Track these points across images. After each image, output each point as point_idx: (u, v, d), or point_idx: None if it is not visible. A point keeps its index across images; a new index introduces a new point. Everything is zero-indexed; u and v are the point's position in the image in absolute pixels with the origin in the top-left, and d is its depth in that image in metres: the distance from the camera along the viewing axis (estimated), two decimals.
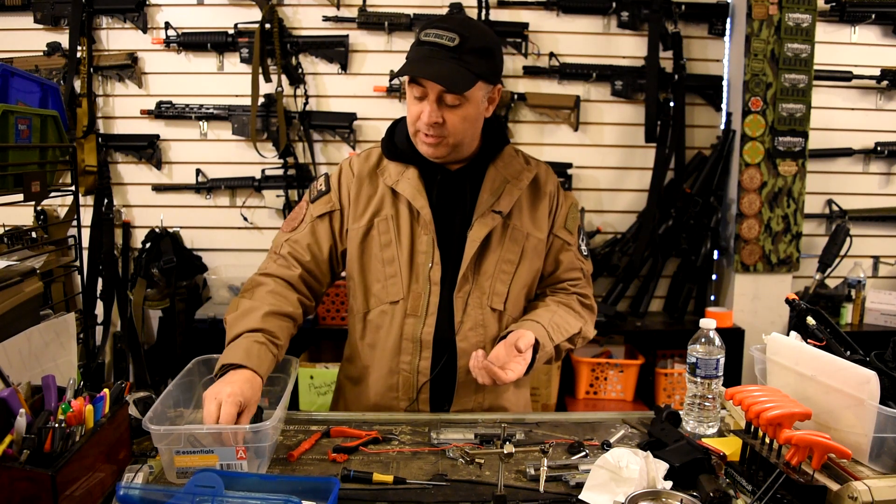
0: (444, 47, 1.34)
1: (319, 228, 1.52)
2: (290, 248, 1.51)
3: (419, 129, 1.41)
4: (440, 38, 1.35)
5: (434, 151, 1.43)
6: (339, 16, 2.97)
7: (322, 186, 1.55)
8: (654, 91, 2.97)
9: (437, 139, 1.41)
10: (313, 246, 1.51)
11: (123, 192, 3.07)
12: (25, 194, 1.63)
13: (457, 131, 1.40)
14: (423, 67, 1.35)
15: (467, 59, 1.35)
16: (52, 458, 0.97)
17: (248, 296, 1.44)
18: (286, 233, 1.55)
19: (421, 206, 1.45)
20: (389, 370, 1.49)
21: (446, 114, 1.38)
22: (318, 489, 1.02)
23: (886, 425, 1.04)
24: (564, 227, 1.57)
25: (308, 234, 1.52)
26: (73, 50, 2.87)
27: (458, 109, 1.38)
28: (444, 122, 1.38)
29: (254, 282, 1.48)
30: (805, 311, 1.30)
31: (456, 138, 1.41)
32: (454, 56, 1.34)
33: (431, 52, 1.35)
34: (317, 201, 1.54)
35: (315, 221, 1.52)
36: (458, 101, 1.37)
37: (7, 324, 1.22)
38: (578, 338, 1.54)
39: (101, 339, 2.92)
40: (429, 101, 1.37)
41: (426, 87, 1.36)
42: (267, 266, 1.51)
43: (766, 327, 2.93)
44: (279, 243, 1.54)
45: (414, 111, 1.41)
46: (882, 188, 3.20)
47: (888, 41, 3.09)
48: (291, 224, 1.55)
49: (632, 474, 1.09)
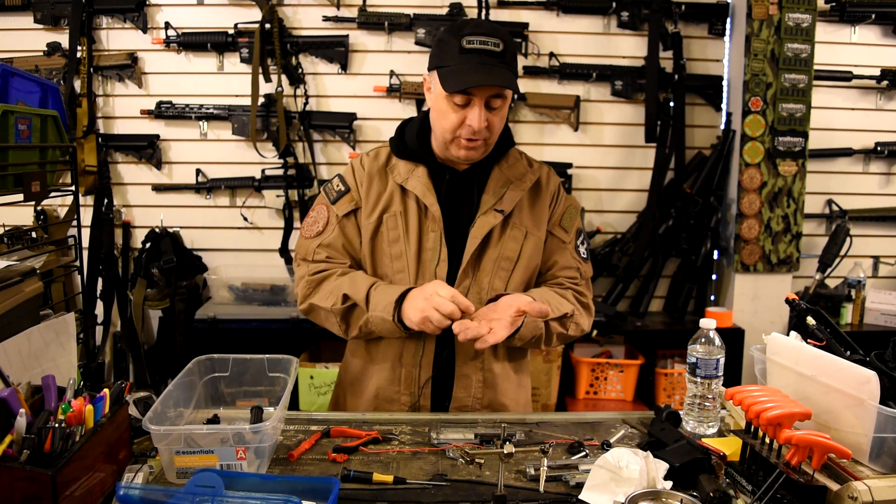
0: (492, 54, 1.37)
1: (348, 227, 1.53)
2: (327, 253, 1.52)
3: (461, 135, 1.42)
4: (486, 45, 1.37)
5: (473, 155, 1.45)
6: (339, 16, 2.97)
7: (340, 186, 1.56)
8: (654, 91, 2.97)
9: (478, 142, 1.43)
10: (348, 246, 1.53)
11: (123, 192, 3.07)
12: (25, 194, 1.63)
13: (496, 131, 1.45)
14: (489, 77, 1.36)
15: (510, 62, 1.40)
16: (52, 458, 0.97)
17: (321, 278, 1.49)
18: (312, 238, 1.54)
19: (430, 203, 1.47)
20: (392, 364, 1.50)
21: (490, 116, 1.41)
22: (318, 489, 1.02)
23: (886, 425, 1.04)
24: (560, 224, 1.58)
25: (339, 236, 1.53)
26: (73, 50, 2.87)
27: (499, 112, 1.42)
28: (489, 125, 1.41)
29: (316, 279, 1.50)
30: (805, 311, 1.30)
31: (494, 138, 1.46)
32: (502, 61, 1.38)
33: (482, 59, 1.36)
34: (338, 201, 1.54)
35: (342, 221, 1.53)
36: (501, 103, 1.41)
37: (7, 324, 1.21)
38: (570, 322, 1.51)
39: (101, 339, 2.92)
40: (477, 106, 1.38)
41: (475, 95, 1.38)
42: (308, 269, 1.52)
43: (766, 327, 2.93)
44: (310, 250, 1.54)
45: (455, 119, 1.40)
46: (882, 188, 3.20)
47: (888, 41, 3.09)
48: (314, 229, 1.55)
49: (632, 474, 1.09)
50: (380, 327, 1.41)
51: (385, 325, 1.40)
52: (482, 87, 1.36)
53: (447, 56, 1.39)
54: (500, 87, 1.37)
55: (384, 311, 1.38)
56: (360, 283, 1.44)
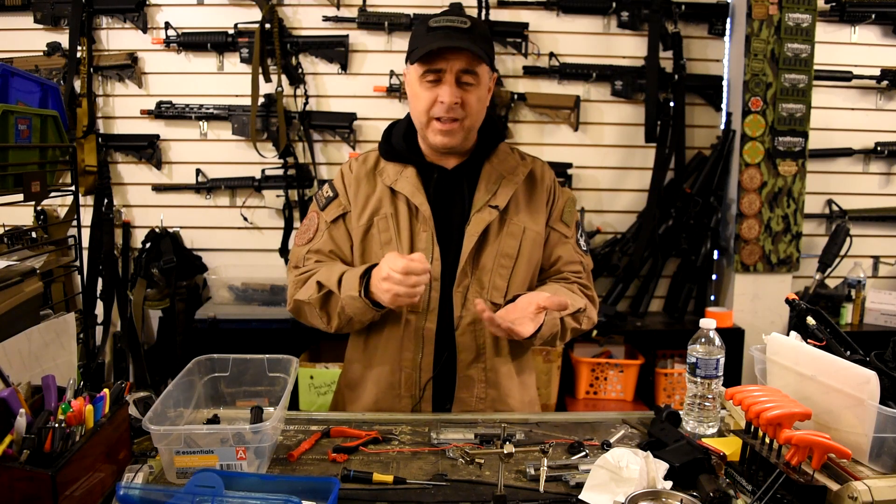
0: (458, 29, 1.39)
1: (336, 232, 1.54)
2: (315, 258, 1.53)
3: (435, 115, 1.43)
4: (452, 22, 1.40)
5: (449, 140, 1.45)
6: (339, 16, 2.97)
7: (329, 193, 1.57)
8: (654, 91, 2.97)
9: (453, 125, 1.43)
10: (336, 251, 1.54)
11: (123, 192, 3.07)
12: (25, 194, 1.63)
13: (472, 112, 1.44)
14: (450, 41, 1.38)
15: (479, 38, 1.40)
16: (52, 458, 0.97)
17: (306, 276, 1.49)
18: (303, 245, 1.56)
19: (420, 203, 1.47)
20: (392, 367, 1.50)
21: (463, 94, 1.41)
22: (318, 489, 1.02)
23: (886, 425, 1.04)
24: (561, 219, 1.58)
25: (328, 241, 1.53)
26: (73, 50, 2.87)
27: (473, 90, 1.42)
28: (463, 102, 1.41)
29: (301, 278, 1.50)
30: (805, 311, 1.30)
31: (471, 120, 1.45)
32: (470, 36, 1.39)
33: (448, 33, 1.39)
34: (327, 207, 1.55)
35: (331, 227, 1.54)
36: (474, 81, 1.42)
37: (7, 324, 1.21)
38: (583, 316, 1.52)
39: (101, 339, 2.92)
40: (447, 82, 1.40)
41: (444, 70, 1.39)
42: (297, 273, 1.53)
43: (766, 327, 2.93)
44: (300, 257, 1.55)
45: (428, 97, 1.42)
46: (882, 188, 3.19)
47: (888, 41, 3.09)
48: (306, 236, 1.56)
49: (632, 474, 1.09)
50: (353, 308, 1.39)
51: (356, 303, 1.38)
52: (451, 61, 1.37)
53: (417, 41, 1.43)
54: (465, 50, 1.37)
55: (352, 289, 1.38)
56: (334, 271, 1.44)
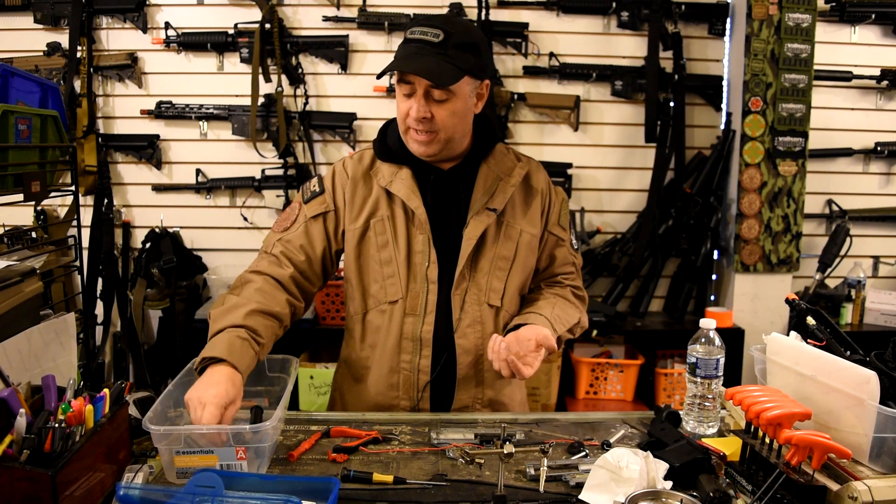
0: (429, 43, 1.37)
1: (313, 229, 1.51)
2: (282, 248, 1.50)
3: (409, 125, 1.42)
4: (425, 35, 1.37)
5: (425, 150, 1.44)
6: (339, 16, 2.97)
7: (316, 187, 1.55)
8: (654, 91, 2.97)
9: (427, 136, 1.41)
10: (307, 246, 1.51)
11: (123, 192, 3.07)
12: (25, 194, 1.63)
13: (446, 126, 1.41)
14: (408, 63, 1.37)
15: (452, 54, 1.37)
16: (52, 458, 0.97)
17: (236, 292, 1.42)
18: (278, 233, 1.54)
19: (416, 207, 1.46)
20: (390, 370, 1.49)
21: (434, 109, 1.39)
22: (318, 489, 1.02)
23: (886, 425, 1.04)
24: (558, 223, 1.59)
25: (302, 235, 1.51)
26: (73, 50, 2.87)
27: (446, 104, 1.39)
28: (433, 117, 1.39)
29: (242, 279, 1.47)
30: (805, 311, 1.30)
31: (446, 133, 1.42)
32: (440, 52, 1.36)
33: (418, 48, 1.37)
34: (311, 202, 1.53)
35: (309, 222, 1.52)
36: (446, 96, 1.39)
37: (7, 324, 1.22)
38: (577, 327, 1.57)
39: (101, 339, 2.91)
40: (416, 96, 1.38)
41: (414, 84, 1.38)
42: (258, 264, 1.49)
43: (766, 327, 2.93)
44: (271, 243, 1.53)
45: (403, 108, 1.42)
46: (882, 188, 3.19)
47: (888, 41, 3.09)
48: (283, 224, 1.54)
49: (632, 474, 1.09)
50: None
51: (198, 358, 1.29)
52: (419, 77, 1.36)
53: (399, 47, 1.42)
54: (410, 73, 1.36)
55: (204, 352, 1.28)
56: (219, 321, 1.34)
